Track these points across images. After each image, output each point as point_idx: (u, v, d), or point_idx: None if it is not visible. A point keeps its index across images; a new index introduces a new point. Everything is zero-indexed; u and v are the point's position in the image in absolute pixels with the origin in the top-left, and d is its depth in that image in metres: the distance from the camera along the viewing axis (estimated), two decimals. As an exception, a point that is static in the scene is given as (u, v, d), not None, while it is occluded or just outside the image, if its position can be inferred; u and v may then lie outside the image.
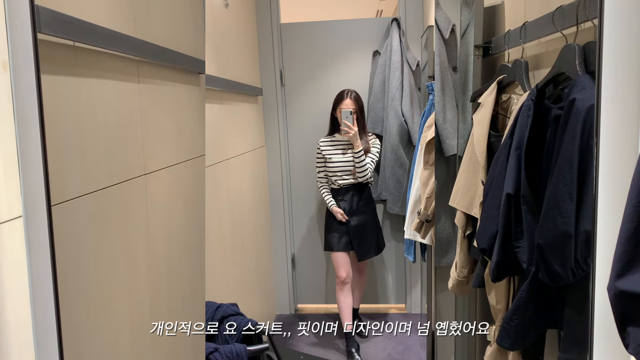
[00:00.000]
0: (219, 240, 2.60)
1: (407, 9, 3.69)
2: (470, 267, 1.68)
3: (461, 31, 1.90)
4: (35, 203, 0.94)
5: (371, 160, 3.27)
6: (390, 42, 3.60)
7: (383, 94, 3.63)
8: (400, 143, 3.53)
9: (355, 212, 3.37)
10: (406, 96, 3.53)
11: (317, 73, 3.83)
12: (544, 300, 1.16)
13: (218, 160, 2.57)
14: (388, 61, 3.59)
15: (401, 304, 4.06)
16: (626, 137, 0.85)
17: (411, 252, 3.09)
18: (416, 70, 3.56)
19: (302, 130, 3.86)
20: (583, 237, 0.96)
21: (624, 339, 0.70)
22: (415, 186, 2.65)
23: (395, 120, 3.52)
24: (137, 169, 1.50)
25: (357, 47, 3.78)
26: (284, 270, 4.04)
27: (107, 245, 1.31)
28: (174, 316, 1.78)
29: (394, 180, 3.58)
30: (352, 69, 3.79)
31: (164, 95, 1.73)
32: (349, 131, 3.13)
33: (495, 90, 1.52)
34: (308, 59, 3.81)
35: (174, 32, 1.81)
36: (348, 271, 3.36)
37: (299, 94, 3.85)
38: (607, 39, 0.88)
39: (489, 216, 1.29)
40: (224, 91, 2.75)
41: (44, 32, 0.97)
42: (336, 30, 3.80)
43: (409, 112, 3.51)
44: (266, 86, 3.81)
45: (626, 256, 0.68)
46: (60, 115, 1.10)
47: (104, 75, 1.30)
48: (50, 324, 0.97)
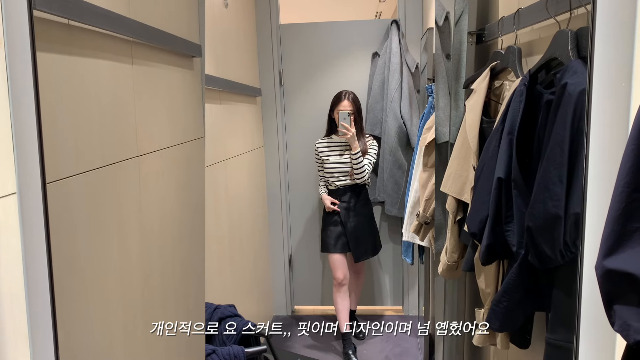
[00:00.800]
0: (217, 240, 2.61)
1: (407, 11, 3.68)
2: (461, 252, 1.70)
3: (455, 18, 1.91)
4: (30, 180, 0.94)
5: (369, 162, 3.26)
6: (390, 43, 3.59)
7: (382, 96, 3.61)
8: (399, 145, 3.53)
9: (353, 213, 3.36)
10: (405, 98, 3.53)
11: (316, 74, 3.82)
12: (532, 282, 1.18)
13: (217, 160, 2.59)
14: (387, 63, 3.58)
15: (398, 305, 4.06)
16: (616, 121, 0.87)
17: (409, 254, 3.09)
18: (415, 72, 3.56)
19: (300, 131, 3.85)
20: (572, 220, 0.98)
21: (610, 317, 0.72)
22: (414, 188, 2.65)
23: (394, 122, 3.52)
24: (130, 150, 1.50)
25: (356, 49, 3.78)
26: (281, 272, 4.04)
27: (100, 224, 1.31)
28: (167, 298, 1.79)
29: (392, 182, 3.58)
30: (351, 70, 3.78)
31: (158, 78, 1.73)
32: (346, 133, 3.13)
33: (488, 77, 1.53)
34: (307, 60, 3.80)
35: (168, 14, 1.81)
36: (345, 273, 3.37)
37: (298, 94, 3.84)
38: (600, 25, 0.89)
39: (480, 200, 1.31)
40: (223, 91, 2.76)
41: (39, 9, 0.97)
42: (335, 32, 3.79)
43: (408, 114, 3.52)
44: (265, 86, 3.80)
45: (614, 235, 0.69)
46: (54, 93, 1.10)
47: (98, 55, 1.30)
48: (44, 300, 0.97)
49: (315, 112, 3.75)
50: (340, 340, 3.52)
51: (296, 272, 4.08)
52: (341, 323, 3.42)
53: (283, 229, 3.98)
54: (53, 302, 0.98)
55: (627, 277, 0.68)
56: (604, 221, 0.72)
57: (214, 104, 2.59)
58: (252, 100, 3.53)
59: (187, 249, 2.03)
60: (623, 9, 0.87)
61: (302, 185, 3.92)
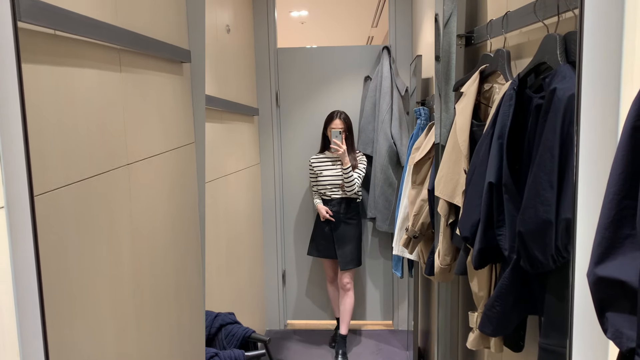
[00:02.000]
0: (217, 254, 2.66)
1: (397, 38, 3.91)
2: (453, 255, 1.70)
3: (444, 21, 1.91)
4: (18, 193, 0.93)
5: (358, 176, 3.54)
6: (381, 68, 3.79)
7: (374, 117, 3.81)
8: (390, 163, 3.70)
9: (342, 222, 3.61)
10: (395, 119, 3.72)
11: (311, 95, 4.01)
12: (525, 287, 1.18)
13: (217, 176, 2.70)
14: (379, 86, 3.77)
15: (388, 320, 4.16)
16: (606, 126, 0.87)
17: (399, 268, 3.17)
18: (405, 95, 3.75)
19: (295, 150, 4.03)
20: (563, 225, 0.98)
21: (602, 324, 0.72)
22: (404, 204, 2.75)
23: (384, 142, 3.70)
24: (119, 158, 1.49)
25: (349, 72, 3.99)
26: (275, 286, 4.13)
27: (91, 235, 1.30)
28: (159, 307, 1.78)
29: (383, 199, 3.72)
30: (344, 93, 3.99)
31: (147, 84, 1.72)
32: (338, 149, 3.43)
33: (477, 80, 1.53)
34: (303, 82, 4.00)
35: (156, 20, 1.80)
36: (335, 270, 3.68)
37: (294, 114, 4.02)
38: (588, 29, 0.89)
39: (471, 205, 1.31)
40: (224, 111, 2.91)
41: (24, 21, 0.96)
42: (330, 56, 4.00)
43: (398, 135, 3.70)
44: (262, 106, 3.97)
45: (605, 243, 0.69)
46: (41, 104, 1.09)
47: (85, 64, 1.29)
48: (34, 313, 0.96)
49: (309, 131, 3.94)
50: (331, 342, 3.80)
51: (289, 287, 4.19)
52: (335, 308, 3.80)
53: (277, 245, 4.09)
54: (43, 316, 0.97)
55: (618, 284, 0.68)
56: (594, 226, 0.72)
57: (216, 123, 2.71)
58: (250, 120, 3.69)
59: (180, 256, 2.02)
60: (611, 13, 0.87)
61: (297, 202, 4.08)
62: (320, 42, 4.34)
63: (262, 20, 3.89)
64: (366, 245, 4.02)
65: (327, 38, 6.57)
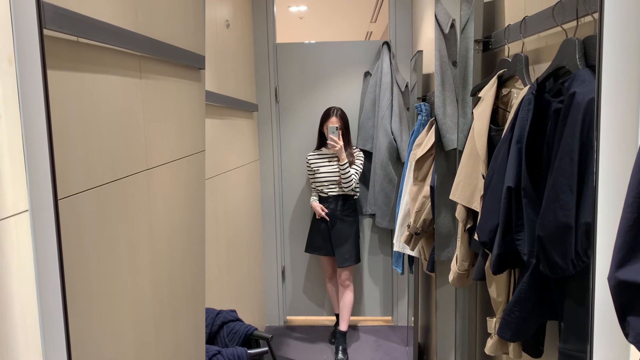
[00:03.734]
0: (216, 252, 2.66)
1: (397, 34, 3.90)
2: (471, 260, 1.70)
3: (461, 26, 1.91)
4: (42, 197, 0.95)
5: (355, 172, 3.54)
6: (381, 64, 3.79)
7: (373, 113, 3.81)
8: (390, 160, 3.70)
9: (339, 219, 3.61)
10: (395, 115, 3.71)
11: (310, 91, 4.01)
12: (544, 292, 1.17)
13: (217, 173, 2.68)
14: (379, 82, 3.77)
15: (388, 316, 4.18)
16: (626, 130, 0.86)
17: (399, 264, 3.21)
18: (405, 91, 3.74)
19: (295, 145, 4.03)
20: (583, 229, 0.97)
21: (624, 328, 0.72)
22: (405, 201, 2.76)
23: (384, 138, 3.70)
24: (139, 164, 1.50)
25: (348, 68, 3.99)
26: (274, 283, 4.16)
27: (111, 240, 1.32)
28: (176, 310, 1.79)
29: (383, 195, 3.73)
30: (344, 88, 3.99)
31: (166, 91, 1.74)
32: (334, 145, 3.42)
33: (495, 85, 1.53)
34: (302, 78, 4.00)
35: (174, 27, 1.82)
36: (334, 266, 3.70)
37: (293, 110, 4.03)
38: (607, 33, 0.89)
39: (490, 209, 1.30)
40: (224, 107, 2.87)
41: (49, 28, 0.98)
42: (329, 51, 4.00)
43: (398, 131, 3.70)
44: (261, 102, 3.97)
45: (626, 246, 0.69)
46: (65, 110, 1.11)
47: (106, 70, 1.31)
48: (58, 317, 0.98)
49: (309, 127, 3.93)
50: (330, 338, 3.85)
51: (289, 284, 4.20)
52: (335, 304, 3.83)
53: (277, 240, 4.11)
54: (66, 319, 0.98)
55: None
56: (615, 230, 0.72)
57: (215, 119, 2.67)
58: (249, 116, 3.65)
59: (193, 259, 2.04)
60: (630, 17, 0.87)
61: (296, 198, 4.08)
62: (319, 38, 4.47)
63: (261, 15, 3.91)
64: (365, 241, 4.05)
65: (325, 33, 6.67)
